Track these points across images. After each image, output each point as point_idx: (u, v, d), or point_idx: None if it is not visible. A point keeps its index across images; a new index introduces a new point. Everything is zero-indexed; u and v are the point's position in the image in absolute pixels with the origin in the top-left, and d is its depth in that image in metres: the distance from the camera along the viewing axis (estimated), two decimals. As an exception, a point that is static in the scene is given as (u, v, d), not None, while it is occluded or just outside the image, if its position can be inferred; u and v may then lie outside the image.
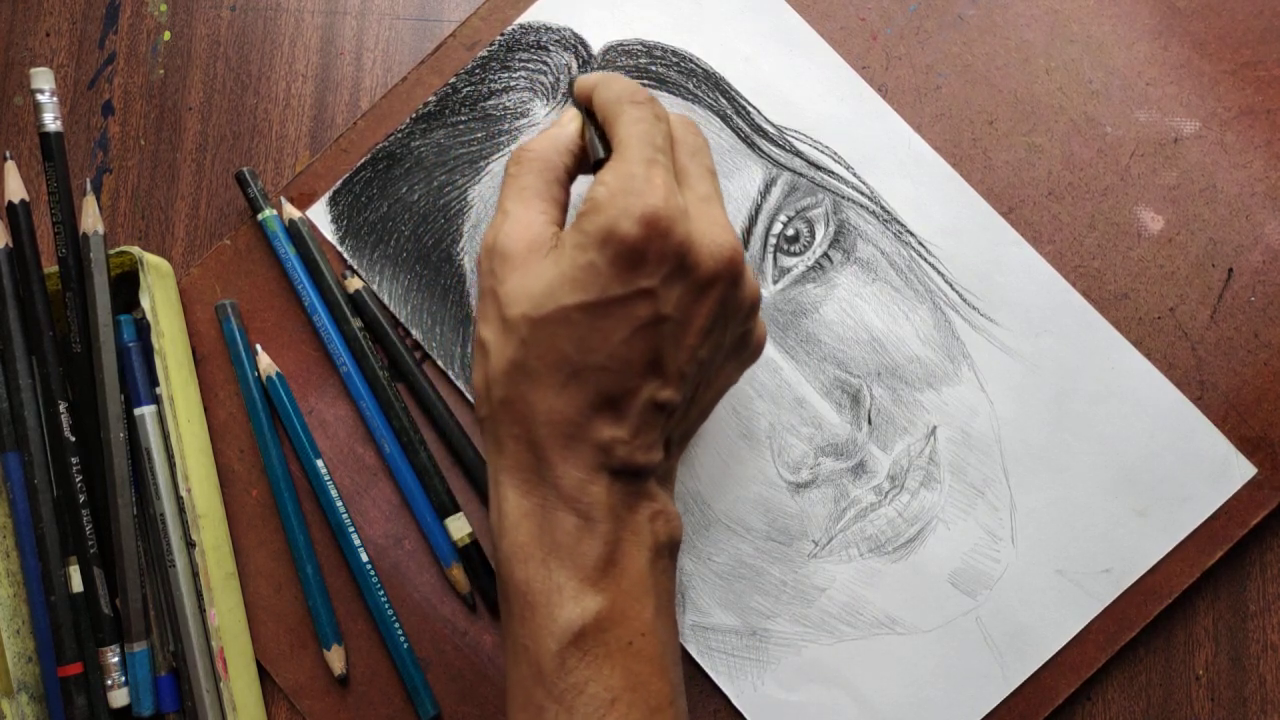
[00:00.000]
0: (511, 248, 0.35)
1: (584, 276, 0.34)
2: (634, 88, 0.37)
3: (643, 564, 0.35)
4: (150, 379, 0.44)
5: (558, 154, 0.37)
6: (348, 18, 0.50)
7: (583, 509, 0.35)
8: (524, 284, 0.34)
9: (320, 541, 0.45)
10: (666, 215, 0.33)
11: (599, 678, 0.34)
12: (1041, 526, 0.44)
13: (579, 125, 0.38)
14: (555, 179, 0.37)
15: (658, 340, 0.34)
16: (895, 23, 0.47)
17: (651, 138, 0.35)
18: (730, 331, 0.37)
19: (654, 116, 0.36)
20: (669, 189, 0.34)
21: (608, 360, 0.34)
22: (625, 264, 0.33)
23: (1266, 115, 0.45)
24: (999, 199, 0.46)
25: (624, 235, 0.33)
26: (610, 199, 0.34)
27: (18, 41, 0.50)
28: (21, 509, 0.43)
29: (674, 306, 0.34)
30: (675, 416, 0.36)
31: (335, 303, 0.46)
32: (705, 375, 0.37)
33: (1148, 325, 0.45)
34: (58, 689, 0.43)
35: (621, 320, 0.34)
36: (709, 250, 0.34)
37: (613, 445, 0.35)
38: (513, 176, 0.37)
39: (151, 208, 0.49)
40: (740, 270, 0.35)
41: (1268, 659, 0.43)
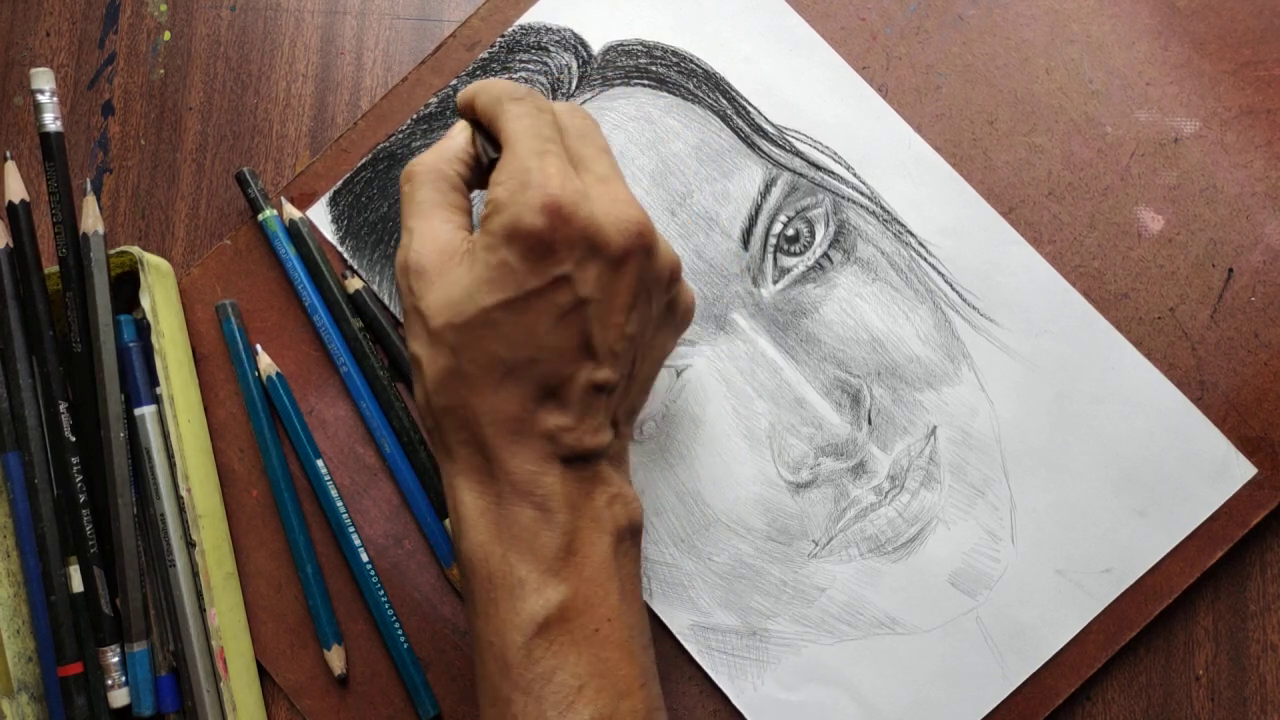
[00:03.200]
0: (424, 262, 0.35)
1: (498, 275, 0.34)
2: (511, 86, 0.37)
3: (604, 550, 0.36)
4: (150, 379, 0.44)
5: (447, 163, 0.37)
6: (348, 18, 0.50)
7: (538, 500, 0.35)
8: (443, 294, 0.35)
9: (320, 541, 0.46)
10: (567, 200, 0.33)
11: (565, 666, 0.34)
12: (1041, 526, 0.44)
13: (468, 134, 0.38)
14: (451, 187, 0.37)
15: (583, 323, 0.34)
16: (895, 23, 0.47)
17: (538, 129, 0.35)
18: (655, 302, 0.37)
19: (536, 109, 0.36)
20: (564, 175, 0.34)
21: (538, 352, 0.34)
22: (536, 255, 0.34)
23: (1267, 115, 0.45)
24: (999, 199, 0.46)
25: (529, 228, 0.33)
26: (509, 196, 0.34)
27: (18, 41, 0.50)
28: (22, 509, 0.43)
29: (592, 288, 0.34)
30: (616, 395, 0.36)
31: (335, 303, 0.46)
32: (639, 349, 0.37)
33: (1148, 325, 0.45)
34: (58, 689, 0.43)
35: (544, 311, 0.34)
36: (615, 227, 0.34)
37: (559, 433, 0.35)
38: (407, 195, 0.37)
39: (152, 208, 0.49)
40: (651, 240, 0.35)
41: (1268, 659, 0.43)
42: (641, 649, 0.36)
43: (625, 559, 0.37)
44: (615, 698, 0.35)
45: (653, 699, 0.36)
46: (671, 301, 0.38)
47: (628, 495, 0.37)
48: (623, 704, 0.35)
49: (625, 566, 0.37)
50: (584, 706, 0.34)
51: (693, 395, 0.45)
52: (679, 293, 0.38)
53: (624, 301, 0.35)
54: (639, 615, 0.37)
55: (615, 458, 0.38)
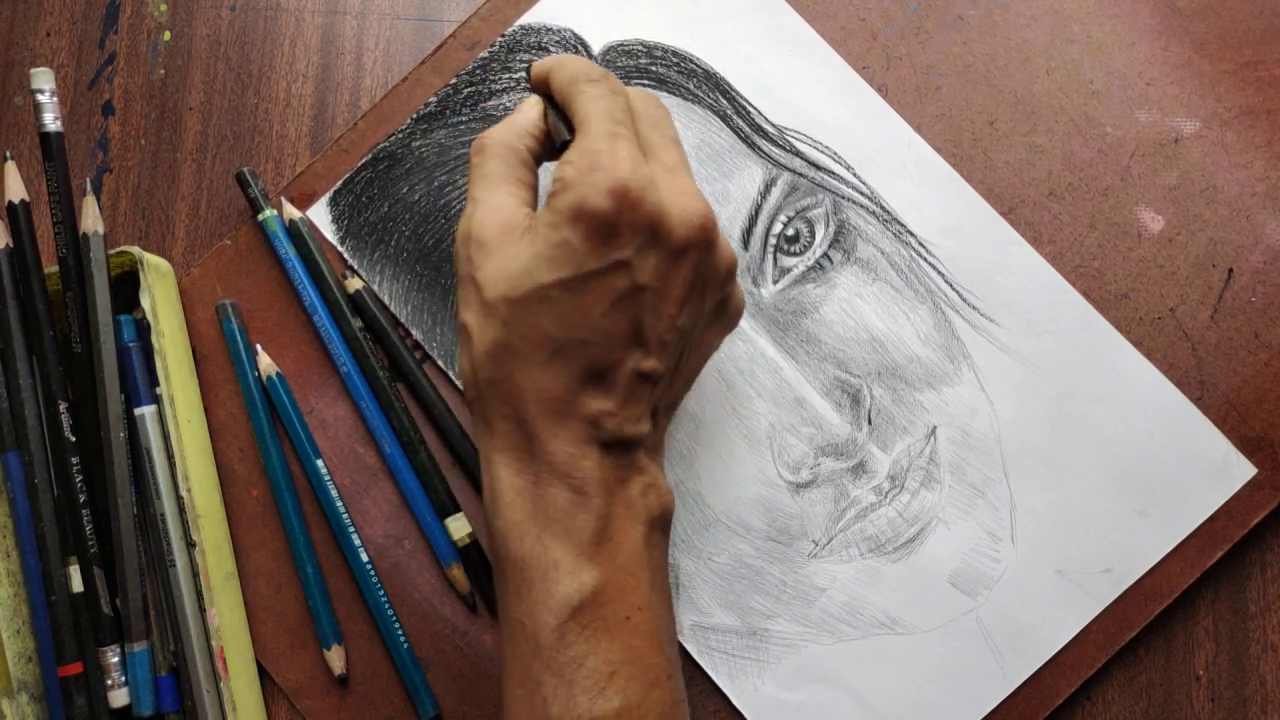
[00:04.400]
0: (485, 233, 0.35)
1: (559, 254, 0.34)
2: (588, 66, 0.37)
3: (637, 538, 0.36)
4: (150, 379, 0.44)
5: (518, 138, 0.37)
6: (348, 18, 0.50)
7: (575, 483, 0.35)
8: (501, 266, 0.35)
9: (320, 541, 0.46)
10: (635, 186, 0.33)
11: (598, 651, 0.34)
12: (1041, 526, 0.44)
13: (540, 110, 0.38)
14: (520, 161, 0.37)
15: (637, 311, 0.34)
16: (895, 23, 0.47)
17: (611, 112, 0.35)
18: (709, 297, 0.37)
19: (611, 92, 0.36)
20: (634, 160, 0.34)
21: (590, 334, 0.34)
22: (599, 238, 0.33)
23: (1267, 115, 0.45)
24: (999, 199, 0.46)
25: (595, 209, 0.33)
26: (578, 176, 0.34)
27: (18, 41, 0.50)
28: (22, 509, 0.43)
29: (650, 276, 0.34)
30: (661, 385, 0.36)
31: (335, 303, 0.46)
32: (687, 343, 0.37)
33: (1148, 325, 0.45)
34: (58, 689, 0.43)
35: (600, 294, 0.34)
36: (680, 218, 0.34)
37: (601, 418, 0.35)
38: (476, 166, 0.37)
39: (152, 208, 0.49)
40: (713, 236, 0.35)
41: (1268, 659, 0.43)
42: (669, 641, 0.36)
43: (656, 549, 0.37)
44: (645, 687, 0.35)
45: (678, 691, 0.36)
46: (724, 299, 0.38)
47: (661, 486, 0.37)
48: (651, 694, 0.35)
49: (656, 557, 0.37)
50: (614, 694, 0.34)
51: (693, 395, 0.45)
52: (732, 291, 0.38)
53: (679, 293, 0.35)
54: (667, 607, 0.37)
55: (652, 448, 0.38)
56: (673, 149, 0.37)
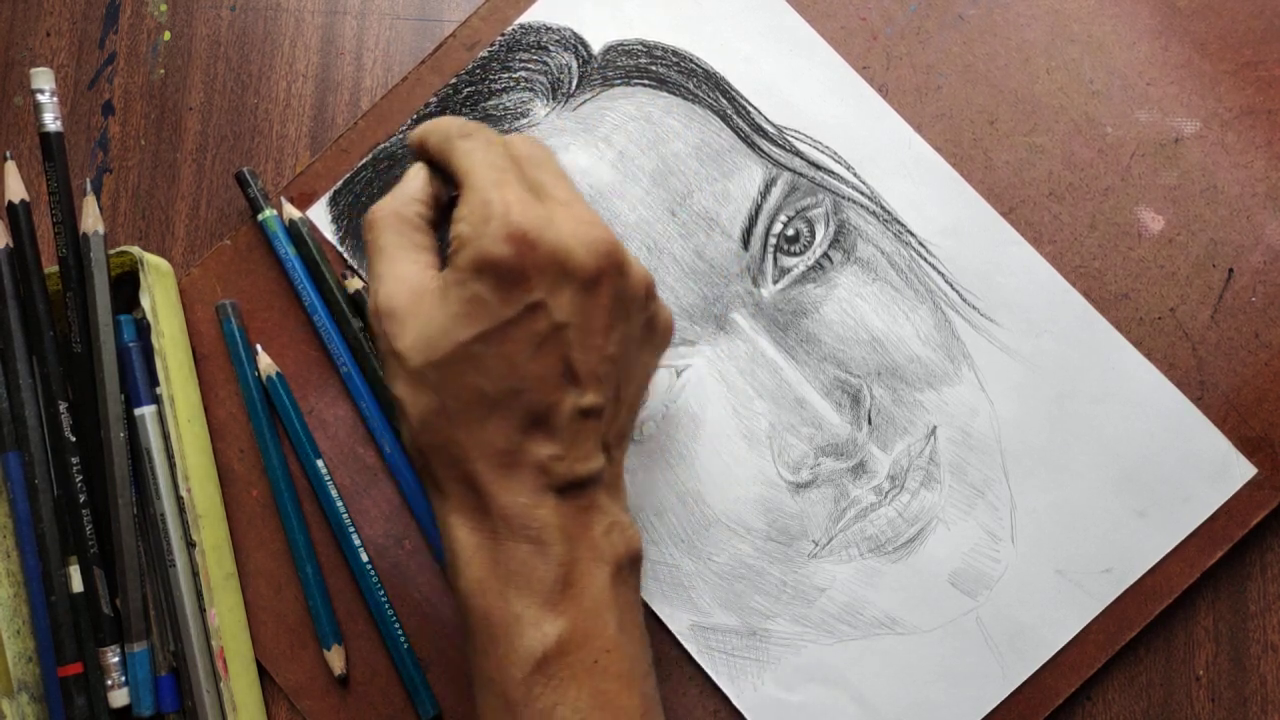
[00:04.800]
0: (395, 303, 0.35)
1: (472, 309, 0.34)
2: (459, 122, 0.37)
3: (602, 580, 0.35)
4: (150, 379, 0.44)
5: (406, 205, 0.37)
6: (348, 18, 0.50)
7: (533, 534, 0.35)
8: (419, 333, 0.35)
9: (320, 541, 0.46)
10: (531, 227, 0.33)
11: (566, 700, 0.34)
12: (1041, 526, 0.44)
13: (424, 175, 0.38)
14: (413, 228, 0.37)
15: (563, 348, 0.34)
16: (895, 23, 0.47)
17: (491, 161, 0.35)
18: (633, 321, 0.37)
19: (487, 142, 0.36)
20: (524, 202, 0.34)
21: (520, 382, 0.34)
22: (507, 285, 0.33)
23: (1267, 115, 0.45)
24: (999, 199, 0.46)
25: (497, 258, 0.33)
26: (473, 229, 0.34)
27: (18, 41, 0.50)
28: (21, 509, 0.43)
29: (568, 312, 0.34)
30: (604, 419, 0.36)
31: (335, 303, 0.46)
32: (622, 370, 0.37)
33: (1148, 325, 0.45)
34: (58, 689, 0.43)
35: (521, 340, 0.34)
36: (585, 248, 0.34)
37: (549, 463, 0.35)
38: (370, 242, 0.37)
39: (152, 208, 0.49)
40: (621, 259, 0.35)
41: (1268, 659, 0.43)
42: (642, 677, 0.36)
43: (624, 588, 0.36)
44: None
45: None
46: (650, 319, 0.38)
47: (625, 523, 0.37)
48: None
49: (624, 595, 0.36)
50: None
51: (693, 395, 0.45)
52: (656, 309, 0.38)
53: (602, 323, 0.35)
54: (639, 644, 0.37)
55: (610, 485, 0.37)
56: (562, 183, 0.36)
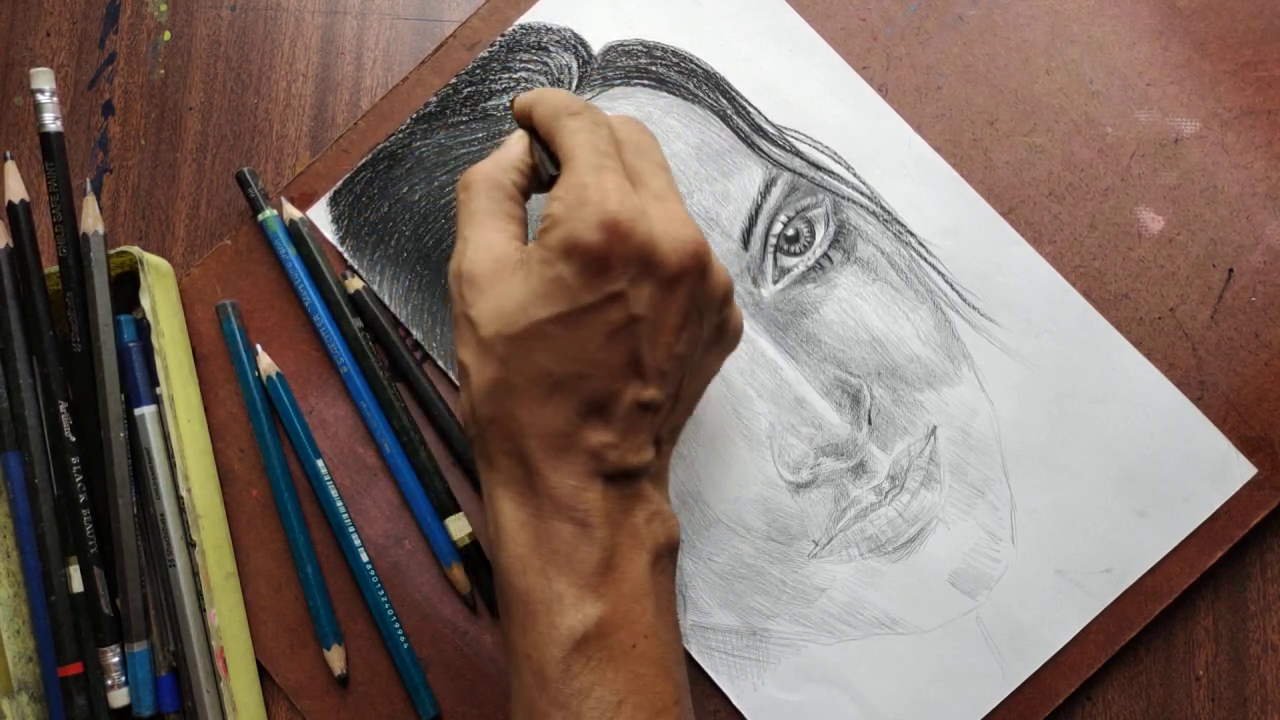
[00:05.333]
0: (477, 270, 0.35)
1: (553, 290, 0.34)
2: (569, 99, 0.37)
3: (642, 567, 0.36)
4: (150, 379, 0.44)
5: (504, 172, 0.37)
6: (348, 18, 0.50)
7: (579, 516, 0.35)
8: (495, 303, 0.35)
9: (320, 541, 0.45)
10: (625, 218, 0.33)
11: (604, 682, 0.34)
12: (1041, 526, 0.44)
13: (525, 144, 0.38)
14: (507, 196, 0.37)
15: (634, 342, 0.34)
16: (895, 23, 0.47)
17: (595, 144, 0.35)
18: (706, 323, 0.37)
19: (593, 123, 0.36)
20: (622, 192, 0.34)
21: (587, 368, 0.34)
22: (591, 272, 0.33)
23: (1267, 115, 0.45)
24: (999, 199, 0.46)
25: (586, 244, 0.33)
26: (567, 211, 0.34)
27: (18, 41, 0.50)
28: (22, 509, 0.43)
29: (645, 306, 0.34)
30: (661, 414, 0.36)
31: (335, 303, 0.46)
32: (687, 369, 0.37)
33: (1148, 325, 0.45)
34: (58, 689, 0.43)
35: (596, 327, 0.34)
36: (672, 246, 0.34)
37: (603, 450, 0.35)
38: (463, 203, 0.37)
39: (152, 208, 0.49)
40: (706, 261, 0.35)
41: (1268, 659, 0.43)
42: (675, 665, 0.36)
43: (662, 576, 0.37)
44: (652, 714, 0.35)
45: (686, 714, 0.36)
46: (723, 322, 0.38)
47: (666, 513, 0.37)
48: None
49: (662, 583, 0.36)
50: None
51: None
52: (730, 314, 0.38)
53: (675, 321, 0.35)
54: (673, 632, 0.37)
55: (656, 476, 0.37)
56: (661, 175, 0.36)
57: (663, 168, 0.37)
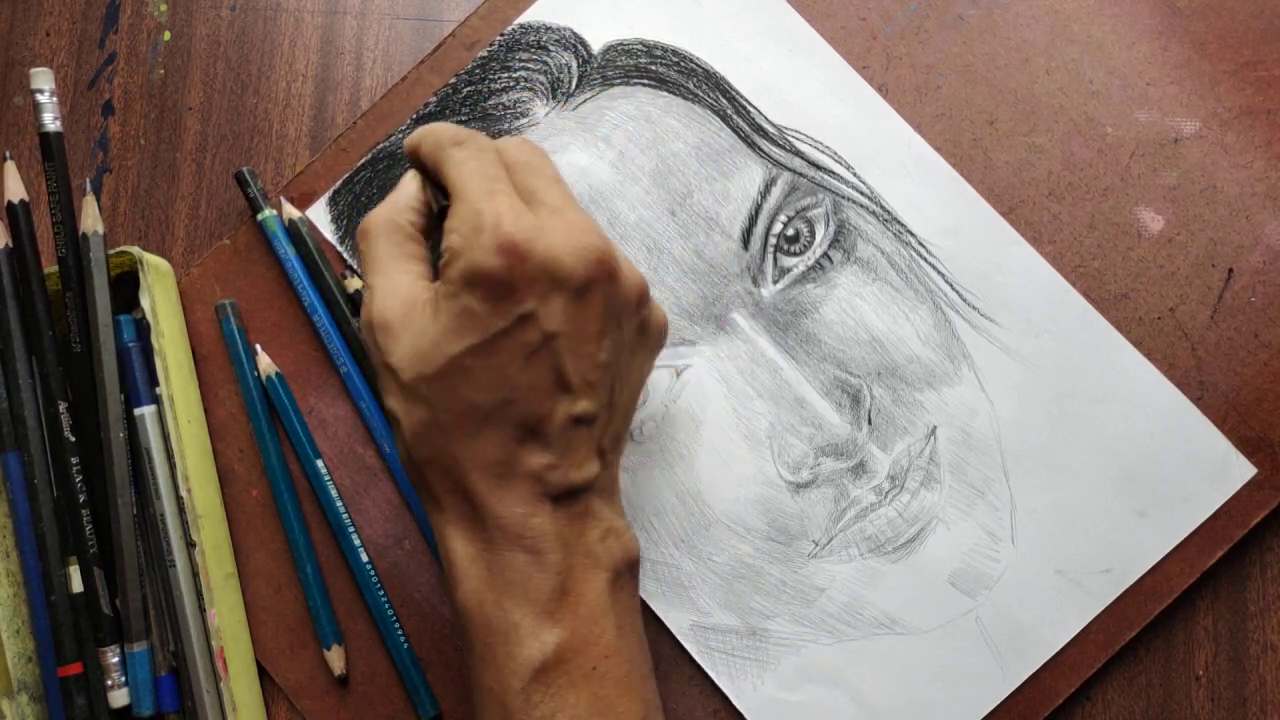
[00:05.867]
0: (388, 315, 0.35)
1: (463, 322, 0.34)
2: (452, 130, 0.37)
3: (599, 587, 0.35)
4: (150, 379, 0.44)
5: (399, 214, 0.37)
6: (348, 18, 0.49)
7: (529, 543, 0.35)
8: (411, 346, 0.35)
9: (320, 541, 0.46)
10: (522, 238, 0.33)
11: (565, 708, 0.34)
12: (1041, 526, 0.44)
13: (418, 183, 0.38)
14: (406, 237, 0.37)
15: (554, 358, 0.34)
16: (895, 23, 0.47)
17: (483, 170, 0.35)
18: (625, 326, 0.36)
19: (479, 150, 0.36)
20: (515, 212, 0.34)
21: (511, 393, 0.34)
22: (498, 297, 0.33)
23: (1267, 115, 0.45)
24: (999, 199, 0.46)
25: (488, 271, 0.33)
26: (464, 241, 0.34)
27: (18, 41, 0.50)
28: (21, 509, 0.43)
29: (559, 321, 0.34)
30: (598, 425, 0.36)
31: (335, 303, 0.46)
32: (615, 375, 0.36)
33: (1148, 325, 0.45)
34: (58, 689, 0.43)
35: (512, 351, 0.34)
36: (575, 256, 0.34)
37: (544, 472, 0.35)
38: (364, 252, 0.37)
39: (151, 208, 0.49)
40: (613, 265, 0.35)
41: (1268, 659, 0.43)
42: (641, 681, 0.36)
43: (621, 593, 0.36)
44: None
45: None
46: (643, 323, 0.38)
47: (620, 528, 0.37)
48: None
49: (621, 601, 0.36)
50: None
51: (693, 395, 0.45)
52: (650, 313, 0.38)
53: (593, 330, 0.35)
54: (638, 648, 0.37)
55: (605, 490, 0.37)
56: (555, 188, 0.36)
57: (556, 181, 0.37)
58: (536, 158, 0.37)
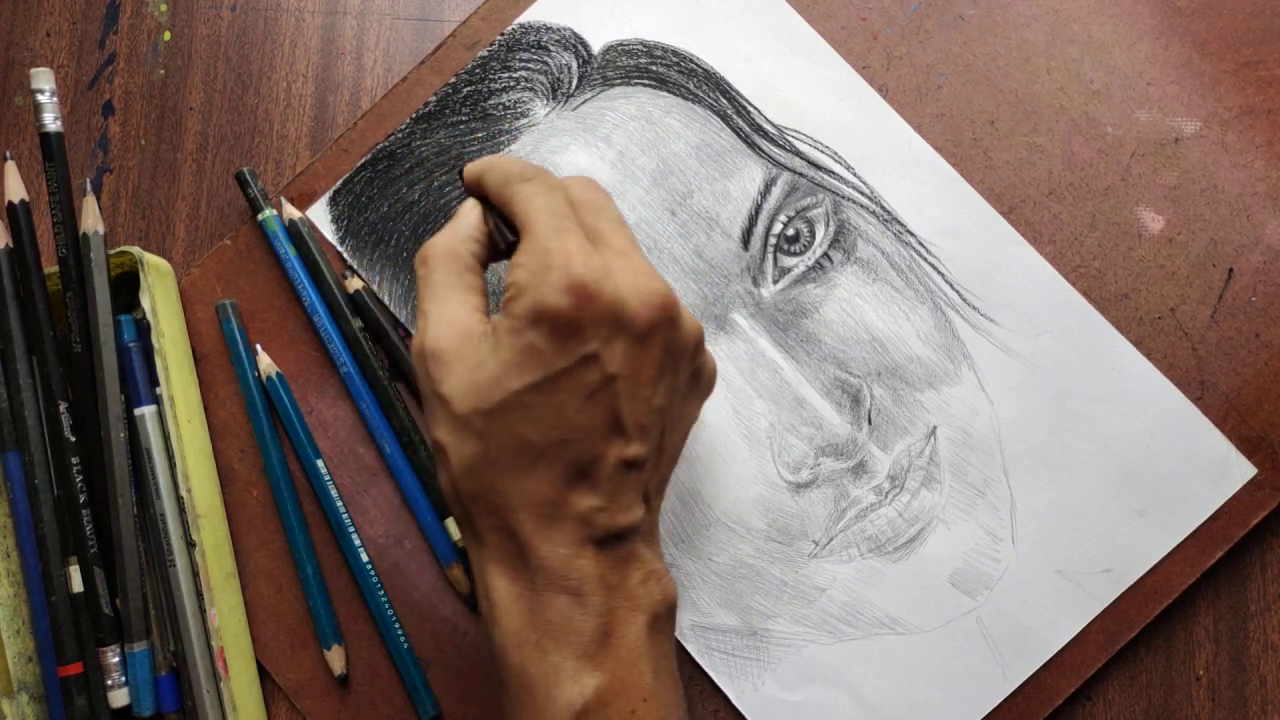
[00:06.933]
0: (442, 345, 0.35)
1: (526, 359, 0.34)
2: (520, 165, 0.37)
3: (639, 630, 0.35)
4: (150, 379, 0.44)
5: (461, 243, 0.37)
6: (348, 18, 0.49)
7: (572, 585, 0.34)
8: (467, 378, 0.34)
9: (320, 541, 0.46)
10: (591, 279, 0.33)
11: None
12: (1042, 526, 0.44)
13: (479, 213, 0.38)
14: (465, 268, 0.37)
15: (612, 400, 0.34)
16: (896, 22, 0.47)
17: (553, 208, 0.35)
18: (681, 372, 0.36)
19: (548, 187, 0.36)
20: (585, 253, 0.34)
21: (568, 432, 0.34)
22: (563, 336, 0.33)
23: (1267, 115, 0.45)
24: (999, 199, 0.46)
25: (555, 309, 0.33)
26: (531, 278, 0.34)
27: (18, 41, 0.50)
28: (22, 509, 0.43)
29: (620, 364, 0.34)
30: (647, 470, 0.36)
31: (335, 303, 0.46)
32: (666, 421, 0.36)
33: (1148, 325, 0.45)
34: (58, 689, 0.43)
35: (572, 391, 0.34)
36: (640, 301, 0.34)
37: (592, 515, 0.35)
38: (422, 278, 0.37)
39: (152, 208, 0.49)
40: (675, 312, 0.35)
41: (1268, 659, 0.43)
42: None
43: (660, 636, 0.36)
44: None
45: None
46: (697, 370, 0.38)
47: (660, 572, 0.37)
48: None
49: (660, 644, 0.36)
50: None
51: (693, 395, 0.45)
52: (703, 360, 0.38)
53: (651, 375, 0.35)
54: (674, 691, 0.37)
55: (647, 533, 0.37)
56: (619, 231, 0.36)
57: (621, 223, 0.37)
58: (601, 198, 0.37)
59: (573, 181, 0.38)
